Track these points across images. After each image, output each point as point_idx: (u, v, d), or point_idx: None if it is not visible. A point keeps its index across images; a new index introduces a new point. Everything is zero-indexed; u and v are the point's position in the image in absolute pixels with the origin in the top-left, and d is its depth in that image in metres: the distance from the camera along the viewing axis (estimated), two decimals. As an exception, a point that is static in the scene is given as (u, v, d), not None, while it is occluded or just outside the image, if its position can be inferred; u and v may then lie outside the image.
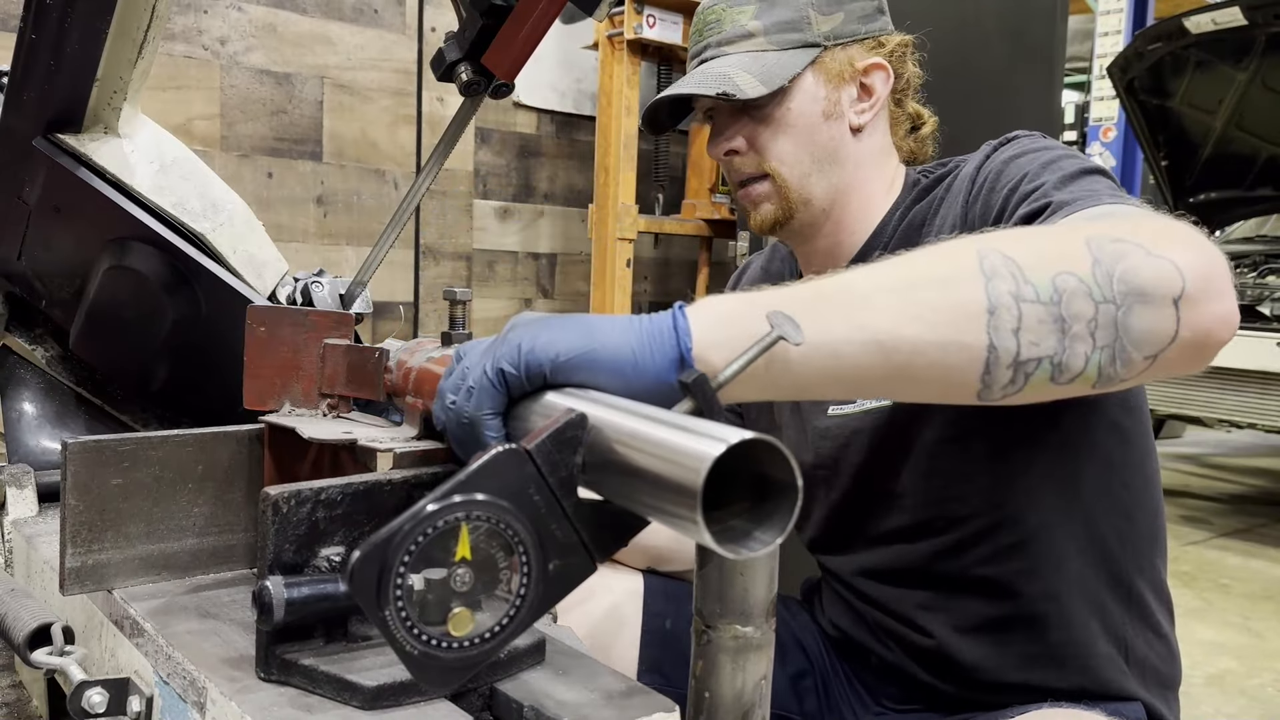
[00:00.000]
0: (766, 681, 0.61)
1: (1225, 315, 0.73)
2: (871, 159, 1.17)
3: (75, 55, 0.97)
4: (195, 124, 2.85)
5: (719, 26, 1.16)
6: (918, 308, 0.69)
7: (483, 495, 0.54)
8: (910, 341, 0.68)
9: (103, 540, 0.77)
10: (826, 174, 1.15)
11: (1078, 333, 0.70)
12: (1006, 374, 0.70)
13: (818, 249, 1.20)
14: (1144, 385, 1.09)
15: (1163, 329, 0.72)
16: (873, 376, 0.70)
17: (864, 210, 1.17)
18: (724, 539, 0.51)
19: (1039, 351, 0.70)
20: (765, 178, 1.14)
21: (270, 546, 0.64)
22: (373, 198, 3.23)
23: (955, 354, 0.69)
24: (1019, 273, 0.70)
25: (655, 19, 3.07)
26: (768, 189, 1.15)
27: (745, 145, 1.15)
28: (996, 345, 0.69)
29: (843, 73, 1.14)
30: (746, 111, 1.13)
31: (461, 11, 0.99)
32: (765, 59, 1.12)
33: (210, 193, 1.09)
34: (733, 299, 0.69)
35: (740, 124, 1.14)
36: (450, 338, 0.79)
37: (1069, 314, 0.70)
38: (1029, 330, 0.69)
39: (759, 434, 0.51)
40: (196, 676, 0.67)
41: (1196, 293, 0.71)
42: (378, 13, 3.20)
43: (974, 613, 1.07)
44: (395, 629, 0.53)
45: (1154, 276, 0.71)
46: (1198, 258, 0.73)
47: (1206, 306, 0.72)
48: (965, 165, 1.09)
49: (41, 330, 1.25)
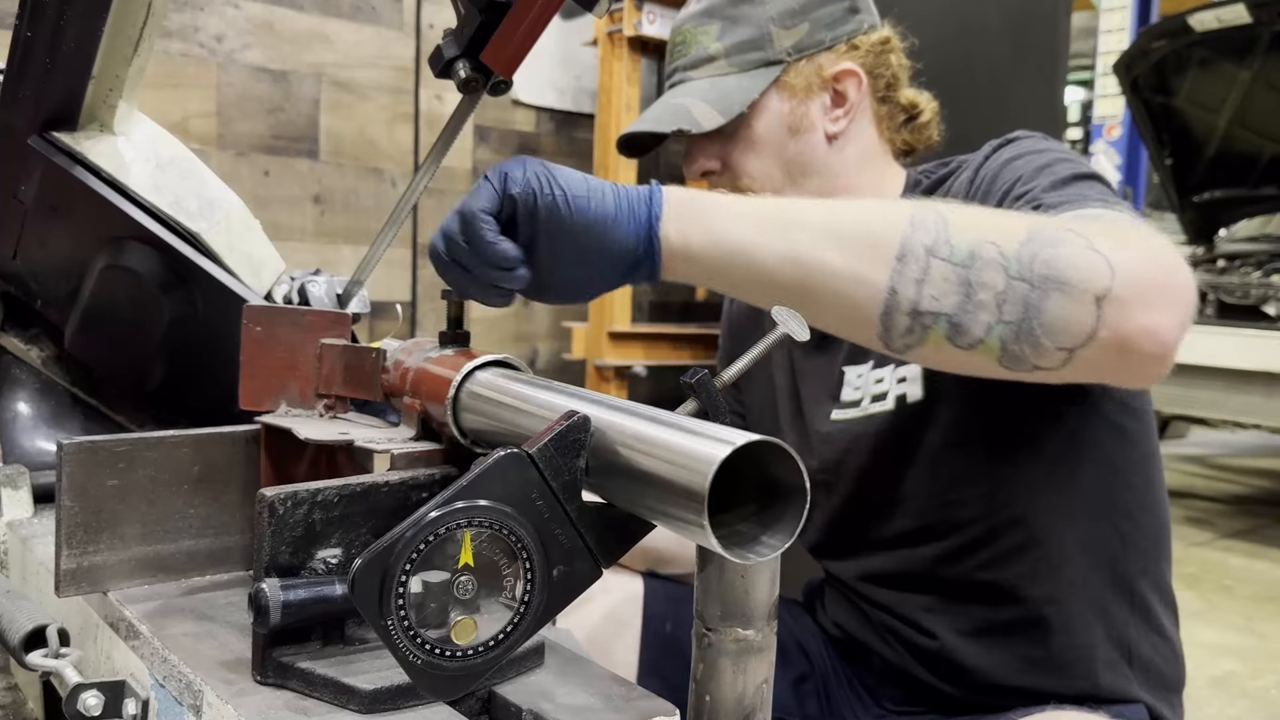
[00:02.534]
0: (768, 685, 0.61)
1: (1152, 327, 0.71)
2: (854, 163, 1.16)
3: (71, 53, 0.96)
4: (192, 122, 2.85)
5: (685, 49, 1.16)
6: (840, 237, 0.75)
7: (485, 501, 0.53)
8: (823, 267, 0.74)
9: (98, 542, 0.76)
10: (801, 186, 1.15)
11: (983, 300, 0.72)
12: (904, 321, 0.74)
13: None
14: (1148, 389, 1.09)
15: (1079, 323, 0.71)
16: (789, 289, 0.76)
17: None
18: (731, 544, 0.50)
19: (938, 307, 0.72)
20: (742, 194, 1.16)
21: (266, 548, 0.63)
22: (370, 196, 3.22)
23: (859, 289, 0.74)
24: (944, 231, 0.73)
25: (655, 15, 3.06)
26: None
27: (719, 166, 1.16)
28: (897, 290, 0.73)
29: (810, 85, 1.14)
30: (720, 135, 1.14)
31: (459, 8, 0.98)
32: (724, 84, 1.13)
33: (207, 191, 1.08)
34: (701, 193, 0.79)
35: (712, 146, 1.16)
36: (448, 337, 0.79)
37: (977, 280, 0.72)
38: (932, 285, 0.72)
39: (765, 436, 0.50)
40: (192, 679, 0.66)
41: (1124, 296, 0.71)
42: (375, 10, 3.20)
43: (977, 616, 1.07)
44: (398, 637, 0.52)
45: (1079, 268, 0.71)
46: (1140, 263, 0.72)
47: (1133, 312, 0.71)
48: (965, 168, 1.08)
49: (37, 330, 1.24)
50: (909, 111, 1.20)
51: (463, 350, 0.76)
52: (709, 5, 1.17)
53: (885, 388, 1.10)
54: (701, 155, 1.17)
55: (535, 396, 0.64)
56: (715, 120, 1.10)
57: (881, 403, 1.10)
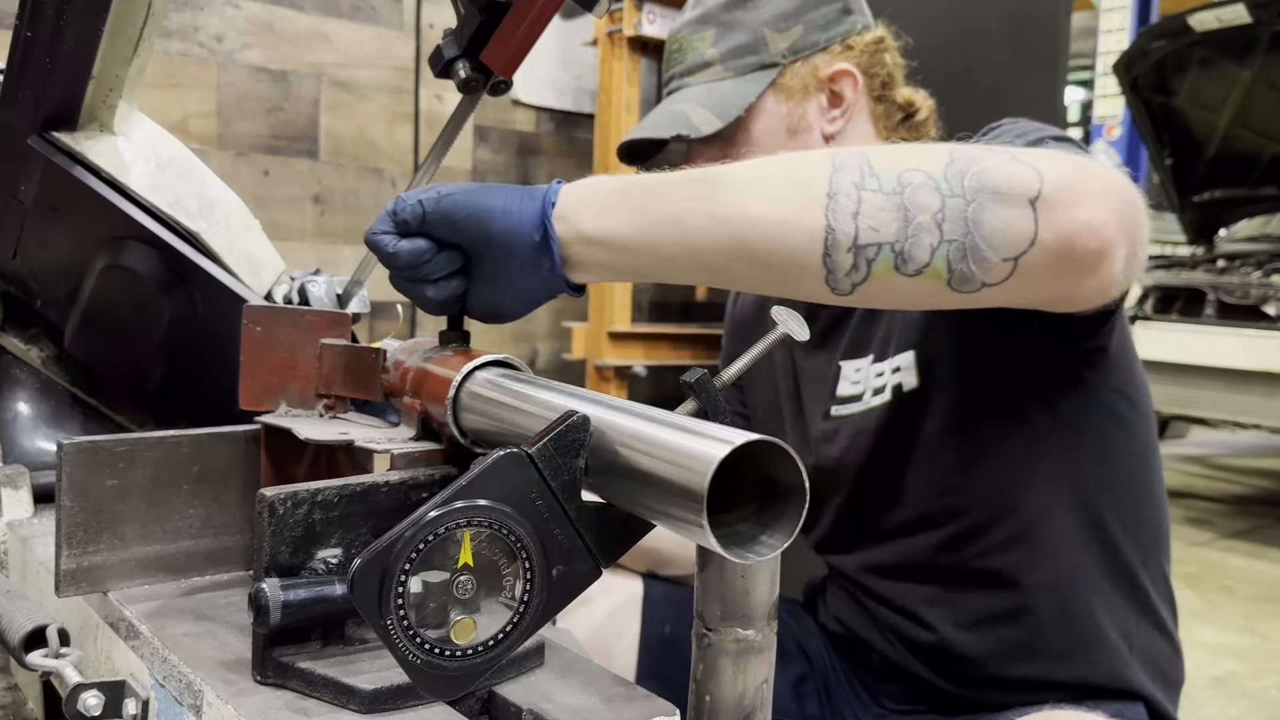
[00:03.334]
0: (768, 685, 0.61)
1: (1089, 221, 0.71)
2: None
3: (71, 53, 0.96)
4: (192, 122, 2.85)
5: (681, 56, 1.17)
6: (763, 188, 0.73)
7: (485, 500, 0.53)
8: (753, 220, 0.72)
9: (98, 542, 0.76)
10: None
11: (923, 223, 0.71)
12: (847, 259, 0.72)
13: None
14: (1146, 382, 1.09)
15: (1019, 229, 0.71)
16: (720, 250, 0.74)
17: None
18: (730, 543, 0.50)
19: (879, 238, 0.71)
20: None
21: (266, 548, 0.63)
22: (370, 196, 3.22)
23: (794, 234, 0.72)
24: (867, 166, 0.72)
25: (655, 15, 3.06)
26: None
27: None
28: (834, 227, 0.72)
29: (807, 86, 1.14)
30: (718, 138, 1.14)
31: (459, 8, 0.98)
32: (721, 89, 1.13)
33: (207, 191, 1.08)
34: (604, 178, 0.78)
35: (712, 150, 1.15)
36: (448, 337, 0.79)
37: (912, 204, 0.71)
38: (868, 216, 0.71)
39: (765, 435, 0.50)
40: (193, 679, 0.66)
41: (1055, 195, 0.71)
42: (375, 9, 3.20)
43: (976, 605, 1.08)
44: (397, 637, 0.52)
45: (1008, 177, 0.71)
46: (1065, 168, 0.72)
47: (1068, 211, 0.71)
48: None
49: (37, 330, 1.24)
50: (906, 110, 1.20)
51: (462, 350, 0.76)
52: (703, 12, 1.18)
53: (884, 381, 1.11)
54: (701, 160, 1.16)
55: (535, 396, 0.64)
56: (713, 125, 1.11)
57: (880, 395, 1.11)
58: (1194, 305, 4.03)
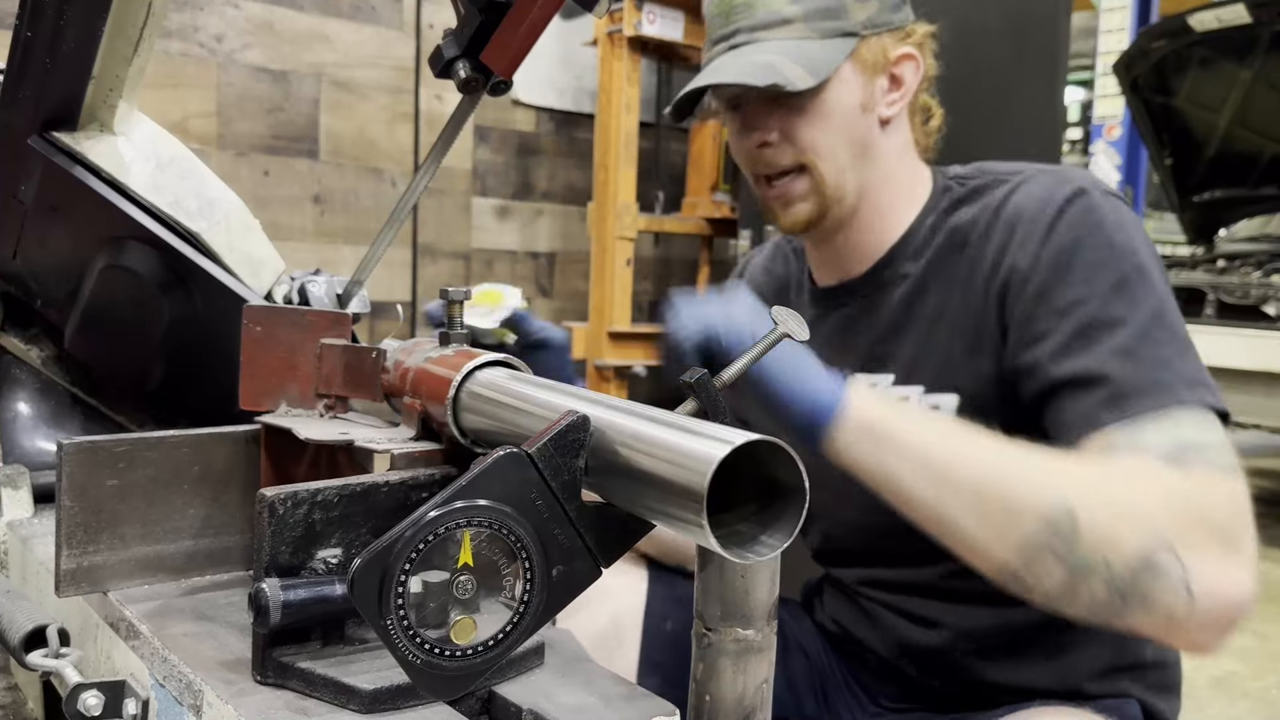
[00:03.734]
0: (768, 685, 0.61)
1: (1206, 644, 0.86)
2: (897, 153, 1.15)
3: (71, 53, 0.96)
4: (192, 122, 2.85)
5: (749, 11, 1.11)
6: (981, 510, 0.86)
7: (485, 500, 0.53)
8: (958, 527, 0.87)
9: (98, 542, 0.76)
10: (859, 169, 1.12)
11: (1079, 597, 0.84)
12: (1011, 581, 0.86)
13: (837, 248, 1.17)
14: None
15: (1150, 632, 0.87)
16: (922, 522, 0.88)
17: (889, 209, 1.14)
18: (730, 543, 0.50)
19: (1040, 586, 0.85)
20: (801, 172, 1.11)
21: (266, 548, 0.63)
22: (370, 196, 3.22)
23: (981, 553, 0.87)
24: (1071, 536, 0.83)
25: (655, 15, 3.06)
26: (804, 186, 1.11)
27: (779, 138, 1.11)
28: (1013, 567, 0.85)
29: (877, 63, 1.11)
30: (781, 102, 1.09)
31: (459, 8, 0.99)
32: (807, 48, 1.08)
33: (207, 191, 1.08)
34: (880, 418, 0.88)
35: (775, 115, 1.10)
36: (448, 338, 0.79)
37: (1083, 585, 0.84)
38: (1044, 573, 0.84)
39: (764, 436, 0.50)
40: (193, 679, 0.66)
41: (1195, 625, 0.83)
42: (375, 9, 3.20)
43: (977, 618, 1.07)
44: (397, 637, 0.52)
45: (1169, 603, 0.82)
46: (1220, 592, 0.83)
47: (1198, 634, 0.84)
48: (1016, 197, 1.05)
49: (37, 330, 1.24)
50: (925, 113, 1.20)
51: (463, 350, 0.76)
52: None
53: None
54: (760, 125, 1.11)
55: (535, 396, 0.64)
56: (807, 81, 1.05)
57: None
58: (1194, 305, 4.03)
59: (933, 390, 1.08)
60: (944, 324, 1.08)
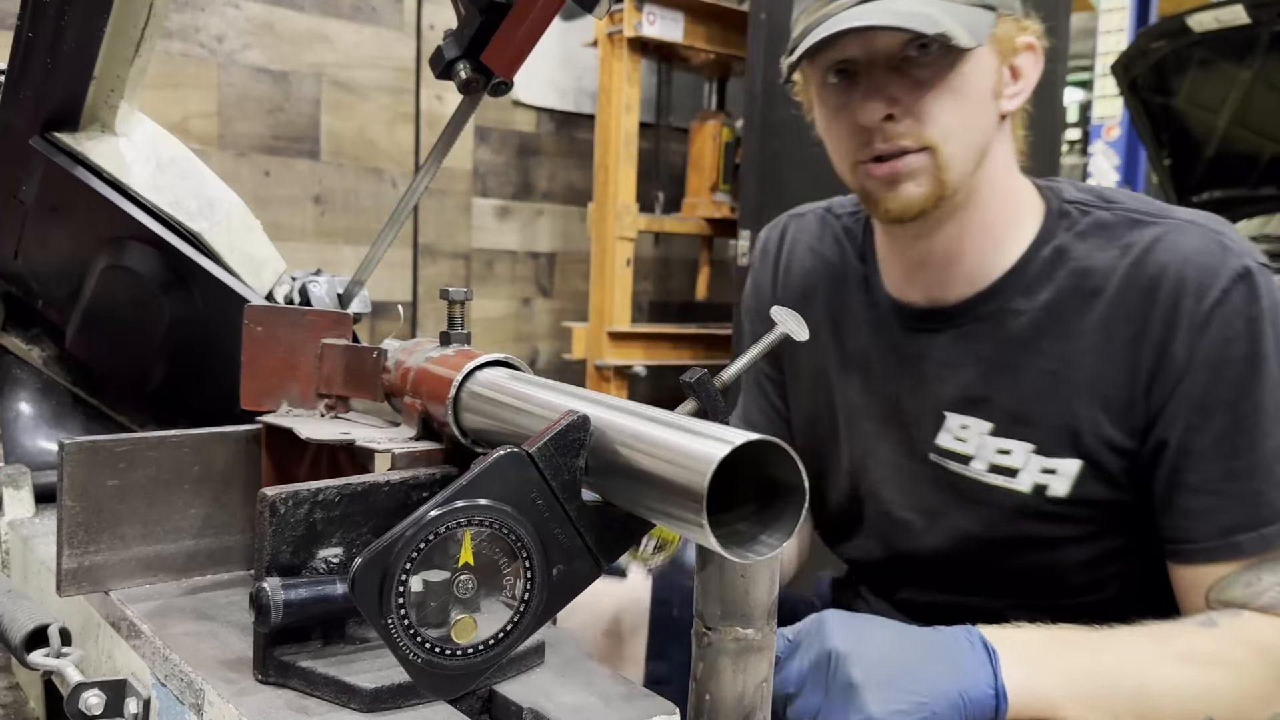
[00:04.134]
0: (767, 684, 0.61)
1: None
2: (1006, 154, 1.04)
3: (72, 53, 0.96)
4: (192, 122, 2.85)
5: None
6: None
7: (485, 500, 0.53)
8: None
9: (99, 541, 0.76)
10: (977, 164, 1.00)
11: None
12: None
13: (930, 256, 1.06)
14: None
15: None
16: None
17: (995, 224, 1.03)
18: (729, 543, 0.50)
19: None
20: (922, 152, 0.98)
21: (267, 548, 0.63)
22: (371, 196, 3.22)
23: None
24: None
25: (655, 16, 3.06)
26: (924, 163, 0.98)
27: (904, 112, 0.97)
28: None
29: (1006, 46, 1.00)
30: (910, 71, 0.96)
31: (460, 9, 0.99)
32: (954, 9, 0.94)
33: (207, 191, 1.08)
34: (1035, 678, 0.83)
35: (902, 85, 0.97)
36: (449, 337, 0.79)
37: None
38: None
39: (764, 436, 0.50)
40: (194, 678, 0.66)
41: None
42: (376, 10, 3.20)
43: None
44: (398, 636, 0.52)
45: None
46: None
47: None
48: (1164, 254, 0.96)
49: (38, 330, 1.24)
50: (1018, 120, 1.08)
51: (463, 350, 0.77)
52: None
53: (1015, 463, 1.02)
54: (882, 95, 0.97)
55: (535, 396, 0.64)
56: (967, 40, 0.92)
57: (1007, 479, 1.02)
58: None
59: (1048, 453, 1.00)
60: (1067, 380, 0.99)
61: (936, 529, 1.09)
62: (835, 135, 1.05)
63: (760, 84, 2.57)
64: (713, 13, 3.13)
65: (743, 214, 2.71)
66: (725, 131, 3.29)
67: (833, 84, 1.01)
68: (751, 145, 2.66)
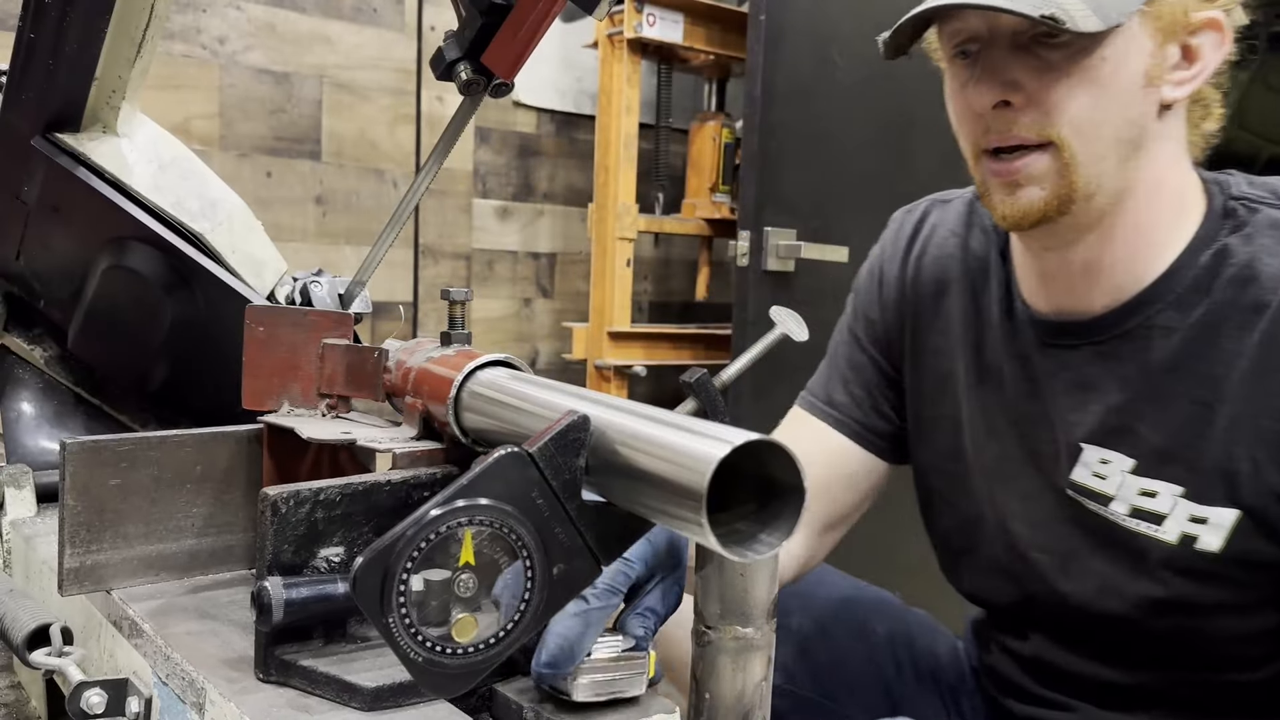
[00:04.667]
0: (766, 683, 0.61)
1: None
2: (1170, 151, 0.89)
3: (74, 54, 0.97)
4: (194, 123, 2.85)
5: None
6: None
7: (486, 499, 0.53)
8: None
9: (101, 541, 0.76)
10: (1125, 161, 0.85)
11: None
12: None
13: (1067, 263, 0.92)
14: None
15: None
16: None
17: (1152, 228, 0.89)
18: (729, 542, 0.50)
19: None
20: (1044, 149, 0.85)
21: (269, 547, 0.63)
22: (372, 197, 3.23)
23: None
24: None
25: (655, 17, 3.06)
26: (1046, 165, 0.85)
27: (1025, 100, 0.84)
28: None
29: (1173, 24, 0.85)
30: (1039, 52, 0.83)
31: (461, 10, 0.99)
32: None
33: (209, 192, 1.09)
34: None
35: (1026, 68, 0.84)
36: (449, 338, 0.79)
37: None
38: None
39: (763, 435, 0.50)
40: (195, 677, 0.67)
41: None
42: (377, 12, 3.20)
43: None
44: (399, 635, 0.52)
45: None
46: None
47: None
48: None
49: (40, 330, 1.25)
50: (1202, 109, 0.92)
51: (464, 350, 0.77)
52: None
53: (1160, 508, 0.89)
54: (998, 79, 0.84)
55: (536, 396, 0.64)
56: (1093, 23, 0.79)
57: (1151, 525, 0.89)
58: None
59: (1199, 498, 0.86)
60: (1223, 414, 0.85)
61: (1072, 575, 0.96)
62: (957, 117, 0.92)
63: (760, 85, 2.57)
64: (713, 14, 3.14)
65: (742, 214, 2.70)
66: (725, 132, 3.29)
67: (955, 59, 0.90)
68: (751, 146, 2.65)
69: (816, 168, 2.54)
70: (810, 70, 2.55)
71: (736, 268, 2.69)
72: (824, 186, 2.57)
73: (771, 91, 2.56)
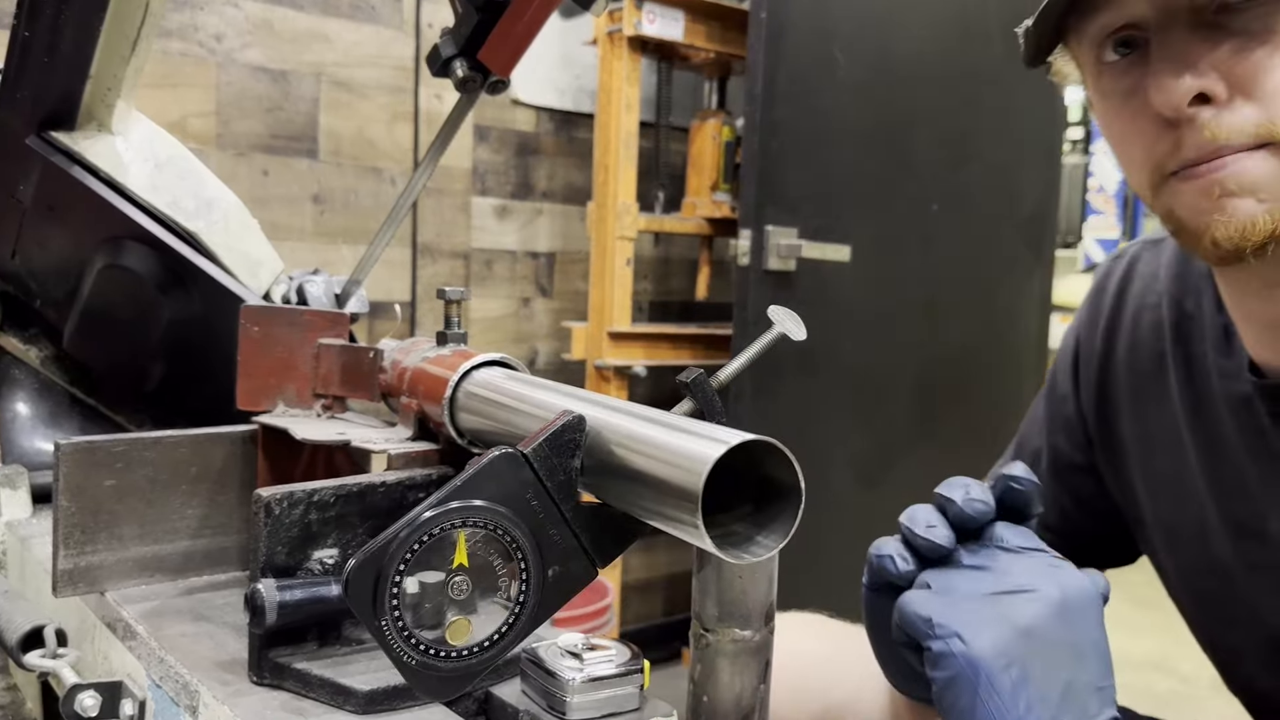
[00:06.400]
0: (765, 686, 0.61)
1: None
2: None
3: (69, 52, 0.96)
4: (190, 121, 2.85)
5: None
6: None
7: (480, 500, 0.53)
8: None
9: (96, 542, 0.76)
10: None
11: None
12: None
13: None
14: None
15: None
16: None
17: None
18: (725, 544, 0.50)
19: None
20: (1261, 150, 0.65)
21: (262, 548, 0.63)
22: (369, 196, 3.22)
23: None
24: None
25: (655, 15, 3.06)
26: (1264, 169, 0.65)
27: (1228, 90, 0.65)
28: None
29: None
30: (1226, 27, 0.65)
31: (457, 7, 0.99)
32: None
33: (205, 191, 1.08)
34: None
35: (1221, 49, 0.65)
36: (445, 337, 0.79)
37: None
38: None
39: (760, 436, 0.50)
40: (189, 680, 0.66)
41: None
42: (374, 9, 3.19)
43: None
44: (391, 638, 0.52)
45: None
46: None
47: None
48: None
49: (35, 330, 1.24)
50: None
51: (460, 350, 0.76)
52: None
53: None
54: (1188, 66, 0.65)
55: (532, 396, 0.64)
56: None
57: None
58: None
59: None
60: None
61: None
62: (1123, 138, 0.73)
63: (761, 83, 2.56)
64: (713, 11, 3.13)
65: (743, 213, 2.70)
66: (725, 131, 3.29)
67: (1111, 62, 0.71)
68: (751, 145, 2.65)
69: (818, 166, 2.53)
70: (811, 68, 2.55)
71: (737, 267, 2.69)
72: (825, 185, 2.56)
73: (772, 89, 2.55)
